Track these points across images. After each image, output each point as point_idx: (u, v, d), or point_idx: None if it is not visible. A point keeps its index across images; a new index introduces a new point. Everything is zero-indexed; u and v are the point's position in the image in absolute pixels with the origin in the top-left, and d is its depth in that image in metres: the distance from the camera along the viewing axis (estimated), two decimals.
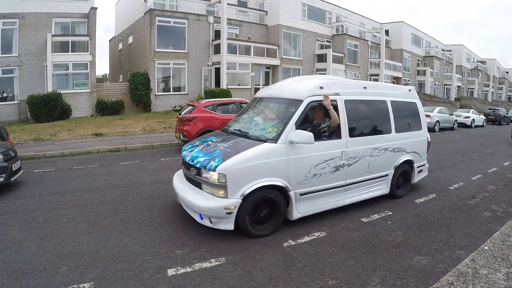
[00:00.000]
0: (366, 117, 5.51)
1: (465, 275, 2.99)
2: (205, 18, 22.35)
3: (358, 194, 5.37)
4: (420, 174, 6.65)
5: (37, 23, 17.75)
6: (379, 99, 5.73)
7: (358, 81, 6.18)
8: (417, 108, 6.48)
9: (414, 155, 6.23)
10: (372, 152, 5.35)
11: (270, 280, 3.35)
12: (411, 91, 6.51)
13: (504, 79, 66.56)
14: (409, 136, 6.11)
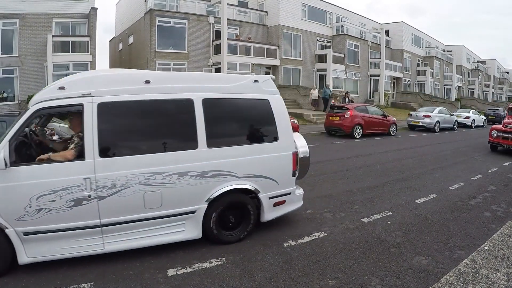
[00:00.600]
0: (145, 126, 3.84)
1: (465, 275, 2.99)
2: (206, 18, 22.37)
3: (132, 239, 3.74)
4: (282, 208, 4.51)
5: (38, 23, 17.77)
6: (177, 98, 3.93)
7: (137, 73, 4.19)
8: (269, 108, 4.32)
9: (260, 181, 4.19)
10: (151, 178, 3.64)
11: (270, 280, 3.35)
12: (259, 83, 4.34)
13: (505, 79, 66.51)
14: (245, 152, 4.15)
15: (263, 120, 4.34)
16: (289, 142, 4.40)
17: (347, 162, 9.42)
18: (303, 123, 17.95)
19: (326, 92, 21.64)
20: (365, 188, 6.76)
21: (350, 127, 14.55)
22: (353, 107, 15.34)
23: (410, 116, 19.60)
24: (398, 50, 36.54)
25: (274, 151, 4.29)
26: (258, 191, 4.18)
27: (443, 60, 43.79)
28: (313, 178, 7.52)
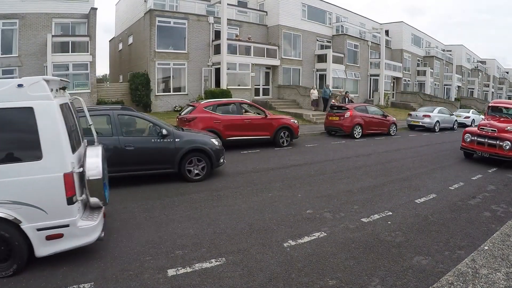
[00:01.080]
0: None
1: (465, 275, 2.99)
2: (205, 18, 22.35)
3: None
4: (61, 242, 3.53)
5: (37, 24, 17.75)
6: None
7: None
8: (33, 118, 3.38)
9: (20, 209, 3.35)
10: None
11: (270, 280, 3.35)
12: (24, 87, 3.39)
13: (504, 79, 66.49)
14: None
15: (23, 133, 3.43)
16: (58, 161, 3.42)
17: (347, 162, 9.43)
18: (303, 123, 17.95)
19: (326, 92, 21.63)
20: (365, 188, 6.76)
21: (350, 127, 14.55)
22: (353, 107, 15.34)
23: (410, 116, 19.60)
24: (398, 50, 36.53)
25: (36, 172, 3.38)
26: (19, 221, 3.33)
27: (443, 60, 43.77)
28: (313, 178, 7.52)
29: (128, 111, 7.38)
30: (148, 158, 6.90)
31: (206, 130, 10.22)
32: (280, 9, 25.27)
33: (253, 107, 12.20)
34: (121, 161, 6.55)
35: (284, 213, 5.27)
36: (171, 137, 7.03)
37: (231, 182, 7.13)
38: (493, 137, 9.22)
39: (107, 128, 6.68)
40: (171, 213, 5.25)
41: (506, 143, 8.87)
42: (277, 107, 21.63)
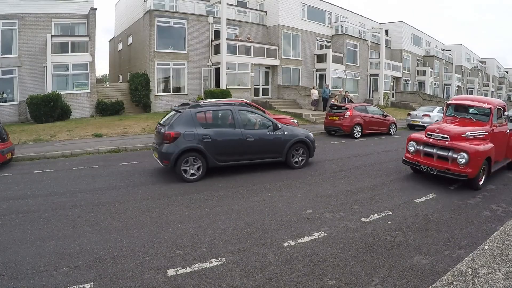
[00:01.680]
0: None
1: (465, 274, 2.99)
2: (205, 18, 22.35)
3: None
4: None
5: (37, 24, 17.75)
6: None
7: None
8: None
9: None
10: None
11: (270, 280, 3.35)
12: None
13: (504, 79, 66.55)
14: None
15: None
16: None
17: (346, 162, 9.43)
18: (303, 122, 17.95)
19: (326, 92, 21.63)
20: (364, 188, 6.76)
21: (349, 127, 14.54)
22: (353, 107, 15.34)
23: (409, 116, 19.59)
24: (398, 50, 36.54)
25: None
26: None
27: (442, 60, 43.80)
28: (313, 178, 7.52)
29: (245, 107, 8.45)
30: (264, 148, 8.03)
31: None
32: (279, 9, 25.28)
33: (253, 107, 12.18)
34: (243, 150, 7.67)
35: (284, 213, 5.27)
36: (281, 130, 8.24)
37: (230, 182, 7.13)
38: (444, 147, 6.78)
39: (230, 122, 7.74)
40: (171, 213, 5.25)
41: (461, 156, 6.39)
42: (276, 107, 21.64)
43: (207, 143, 7.20)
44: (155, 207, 5.53)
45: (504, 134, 7.89)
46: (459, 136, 6.83)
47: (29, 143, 11.87)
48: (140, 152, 10.76)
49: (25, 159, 9.68)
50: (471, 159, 6.37)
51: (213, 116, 7.83)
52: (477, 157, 6.46)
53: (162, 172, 7.97)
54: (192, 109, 7.48)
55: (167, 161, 7.03)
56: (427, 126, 7.91)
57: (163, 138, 7.11)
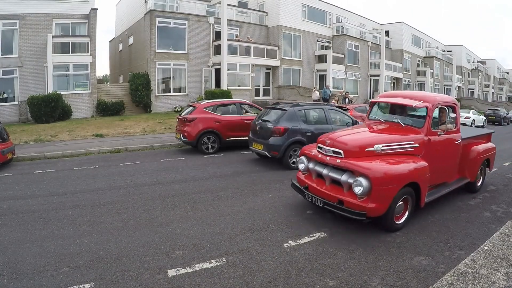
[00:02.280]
0: None
1: (465, 275, 2.99)
2: (206, 19, 22.37)
3: None
4: None
5: (38, 24, 17.78)
6: None
7: None
8: None
9: None
10: None
11: (270, 281, 3.35)
12: None
13: (505, 80, 66.54)
14: None
15: None
16: None
17: None
18: None
19: (326, 92, 21.64)
20: None
21: None
22: (353, 108, 15.33)
23: None
24: (398, 51, 36.56)
25: None
26: None
27: (443, 61, 43.82)
28: None
29: (332, 107, 9.83)
30: None
31: (206, 130, 10.25)
32: (280, 10, 25.30)
33: (253, 108, 12.20)
34: None
35: (284, 213, 5.27)
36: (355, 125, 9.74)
37: (231, 182, 7.13)
38: (337, 168, 4.64)
39: (323, 119, 9.09)
40: (172, 213, 5.26)
41: (357, 182, 4.28)
42: None
43: (308, 136, 8.45)
44: (155, 207, 5.53)
45: (453, 145, 5.58)
46: (361, 150, 4.62)
47: (30, 143, 11.88)
48: (140, 153, 10.77)
49: (26, 159, 9.69)
50: (374, 188, 4.16)
51: (311, 113, 9.17)
52: (384, 185, 4.20)
53: (162, 172, 7.98)
54: (295, 108, 8.82)
55: (276, 152, 8.30)
56: None
57: (272, 132, 8.38)
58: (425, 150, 5.04)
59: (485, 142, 6.83)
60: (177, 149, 11.23)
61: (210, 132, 10.33)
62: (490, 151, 6.74)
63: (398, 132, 5.21)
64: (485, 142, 6.88)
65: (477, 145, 6.39)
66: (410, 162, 4.68)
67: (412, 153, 4.92)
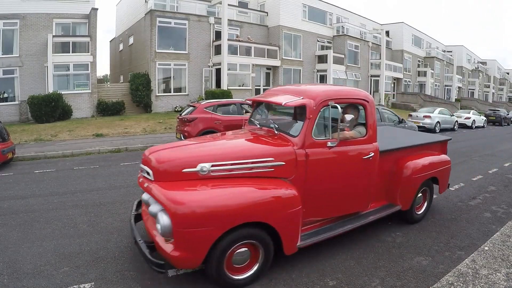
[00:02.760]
0: None
1: (465, 275, 2.99)
2: (206, 19, 22.38)
3: None
4: None
5: (38, 24, 17.78)
6: None
7: None
8: None
9: None
10: None
11: (270, 281, 3.35)
12: None
13: (505, 80, 66.52)
14: None
15: None
16: None
17: None
18: None
19: None
20: None
21: None
22: None
23: (410, 117, 19.57)
24: (399, 51, 36.56)
25: None
26: None
27: (443, 61, 43.81)
28: None
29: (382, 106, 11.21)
30: None
31: (206, 130, 10.25)
32: (280, 10, 25.30)
33: None
34: None
35: None
36: (404, 123, 11.11)
37: None
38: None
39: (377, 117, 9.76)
40: None
41: (158, 218, 2.96)
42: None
43: None
44: None
45: (359, 161, 3.89)
46: (176, 171, 3.21)
47: (30, 143, 11.88)
48: (141, 152, 10.70)
49: (26, 158, 9.69)
50: (176, 230, 2.84)
51: None
52: (192, 226, 2.83)
53: None
54: None
55: None
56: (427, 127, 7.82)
57: None
58: (299, 171, 3.44)
59: (437, 154, 5.38)
60: None
61: (210, 132, 10.33)
62: (438, 166, 5.09)
63: (258, 143, 3.75)
64: (437, 153, 5.42)
65: (416, 159, 4.69)
66: (256, 190, 3.19)
67: (274, 175, 3.35)
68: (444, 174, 5.32)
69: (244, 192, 3.12)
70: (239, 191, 3.11)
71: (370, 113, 4.03)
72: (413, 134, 6.41)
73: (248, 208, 3.02)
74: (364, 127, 4.00)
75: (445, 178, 5.43)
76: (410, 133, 6.55)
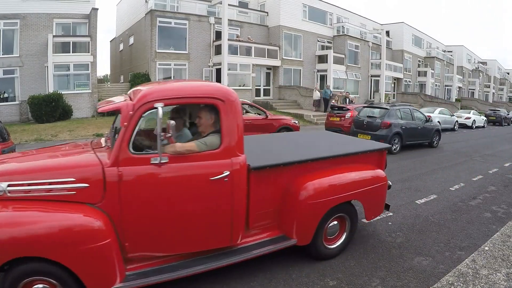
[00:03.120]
0: None
1: (466, 275, 2.99)
2: (206, 19, 22.39)
3: None
4: None
5: (38, 24, 17.79)
6: None
7: None
8: None
9: None
10: None
11: (270, 281, 3.35)
12: None
13: (505, 80, 66.46)
14: None
15: None
16: None
17: None
18: (304, 123, 17.95)
19: (327, 92, 21.65)
20: None
21: (350, 128, 14.53)
22: (354, 108, 15.32)
23: None
24: (399, 51, 36.54)
25: None
26: None
27: (443, 61, 43.79)
28: None
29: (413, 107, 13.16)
30: (424, 134, 12.10)
31: None
32: (281, 10, 25.31)
33: (254, 108, 12.20)
34: (416, 134, 11.73)
35: None
36: (430, 122, 12.41)
37: None
38: None
39: (410, 116, 11.72)
40: None
41: None
42: (277, 108, 21.66)
43: (404, 129, 11.03)
44: None
45: (204, 184, 2.98)
46: None
47: (30, 143, 11.89)
48: None
49: None
50: None
51: (403, 112, 11.63)
52: None
53: None
54: (394, 107, 11.54)
55: (383, 141, 9.79)
56: None
57: (380, 125, 10.80)
58: (110, 195, 2.72)
59: (370, 167, 4.13)
60: None
61: None
62: (361, 185, 3.88)
63: (63, 160, 3.12)
64: (370, 166, 4.16)
65: (322, 177, 3.63)
66: (39, 219, 2.53)
67: (77, 199, 2.69)
68: (372, 195, 4.01)
69: (23, 222, 2.48)
70: (16, 221, 2.48)
71: (228, 116, 3.03)
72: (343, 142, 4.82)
73: (23, 241, 2.41)
74: (219, 136, 3.02)
75: (375, 200, 4.10)
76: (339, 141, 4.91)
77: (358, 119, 11.75)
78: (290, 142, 4.62)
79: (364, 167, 4.07)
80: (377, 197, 4.12)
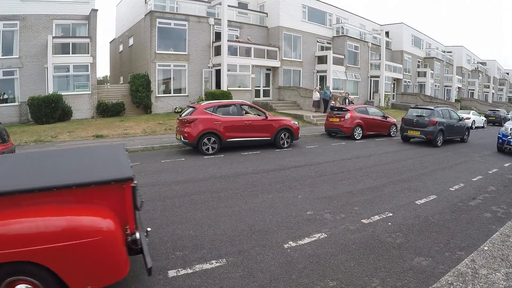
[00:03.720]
0: None
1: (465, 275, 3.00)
2: (206, 20, 22.39)
3: None
4: None
5: (38, 25, 17.80)
6: None
7: None
8: None
9: None
10: None
11: (270, 282, 3.35)
12: None
13: (505, 80, 66.49)
14: None
15: None
16: None
17: (347, 164, 9.43)
18: (303, 124, 17.96)
19: (326, 93, 21.65)
20: (365, 189, 6.76)
21: (350, 129, 14.55)
22: (353, 108, 15.34)
23: None
24: (398, 51, 36.55)
25: None
26: None
27: (443, 61, 43.81)
28: (313, 180, 7.53)
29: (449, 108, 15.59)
30: (458, 131, 14.47)
31: (206, 131, 10.26)
32: (280, 11, 25.31)
33: (254, 109, 12.21)
34: (454, 131, 14.15)
35: (284, 214, 5.27)
36: (463, 121, 14.78)
37: (231, 183, 7.14)
38: None
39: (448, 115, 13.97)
40: (171, 214, 5.26)
41: None
42: (277, 109, 21.65)
43: (445, 126, 13.36)
44: (155, 208, 5.53)
45: None
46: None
47: (30, 144, 11.89)
48: (141, 153, 10.78)
49: None
50: None
51: (443, 112, 13.91)
52: None
53: (163, 173, 7.99)
54: (437, 108, 13.82)
55: (431, 136, 12.95)
56: None
57: (428, 123, 12.99)
58: None
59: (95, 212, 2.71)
60: (177, 150, 11.23)
61: (210, 133, 10.35)
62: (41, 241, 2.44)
63: None
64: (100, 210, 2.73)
65: None
66: None
67: None
68: (70, 258, 2.53)
69: None
70: None
71: None
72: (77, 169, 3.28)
73: None
74: None
75: (79, 266, 2.57)
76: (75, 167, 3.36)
77: (408, 118, 13.86)
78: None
79: (76, 211, 2.66)
80: (82, 260, 2.56)
